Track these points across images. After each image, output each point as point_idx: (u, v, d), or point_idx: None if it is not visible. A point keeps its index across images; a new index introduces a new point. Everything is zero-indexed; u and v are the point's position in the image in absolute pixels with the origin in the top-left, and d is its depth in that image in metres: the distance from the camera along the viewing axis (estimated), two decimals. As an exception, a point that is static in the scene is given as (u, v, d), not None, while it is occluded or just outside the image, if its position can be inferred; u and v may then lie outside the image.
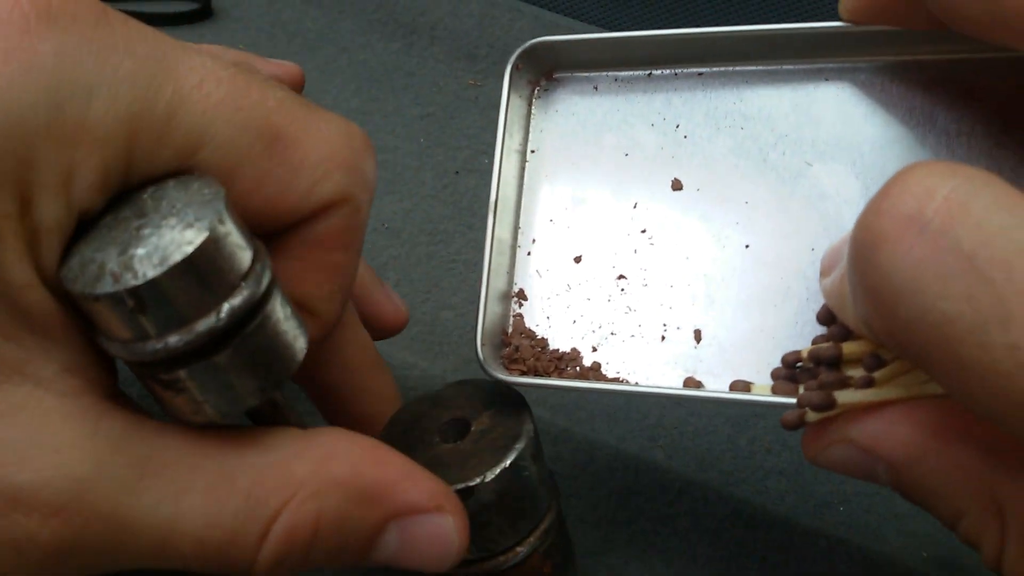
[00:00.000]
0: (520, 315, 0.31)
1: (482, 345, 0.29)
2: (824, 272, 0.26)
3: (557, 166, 0.32)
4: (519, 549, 0.28)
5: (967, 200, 0.18)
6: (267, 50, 0.55)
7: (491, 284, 0.30)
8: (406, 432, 0.29)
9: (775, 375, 0.27)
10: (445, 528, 0.24)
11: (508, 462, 0.27)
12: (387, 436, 0.29)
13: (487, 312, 0.30)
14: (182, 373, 0.22)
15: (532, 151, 0.32)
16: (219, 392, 0.22)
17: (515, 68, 0.31)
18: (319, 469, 0.23)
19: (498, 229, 0.31)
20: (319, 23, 0.58)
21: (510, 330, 0.31)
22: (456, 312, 0.43)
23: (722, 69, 0.31)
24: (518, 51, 0.31)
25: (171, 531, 0.22)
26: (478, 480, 0.27)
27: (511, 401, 0.29)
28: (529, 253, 0.32)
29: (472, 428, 0.29)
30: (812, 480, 0.35)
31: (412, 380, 0.39)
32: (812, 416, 0.24)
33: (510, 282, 0.31)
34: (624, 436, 0.37)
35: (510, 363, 0.30)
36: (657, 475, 0.35)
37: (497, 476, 0.27)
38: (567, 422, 0.37)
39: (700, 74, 0.31)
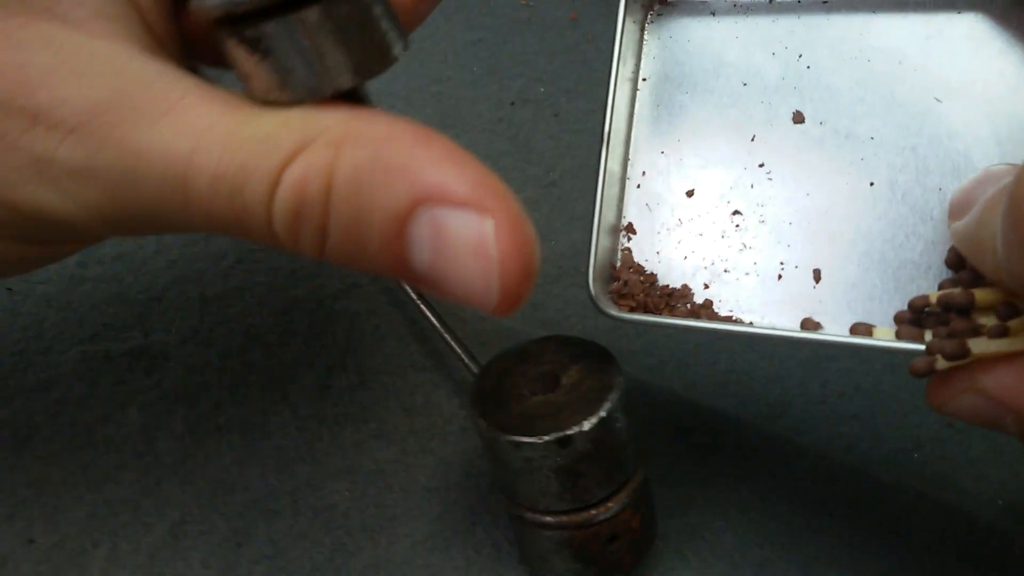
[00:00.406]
0: (629, 249, 0.30)
1: (593, 281, 0.29)
2: (953, 215, 0.25)
3: (671, 95, 0.31)
4: (610, 504, 0.28)
5: None
6: None
7: (603, 217, 0.29)
8: (496, 386, 0.29)
9: (899, 319, 0.27)
10: (483, 234, 0.19)
11: (604, 412, 0.27)
12: (476, 388, 0.29)
13: (598, 246, 0.29)
14: (268, 27, 0.20)
15: (644, 79, 0.31)
16: (307, 62, 0.21)
17: None
18: (349, 121, 0.20)
19: (609, 161, 0.30)
20: None
21: (618, 264, 0.30)
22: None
23: None
24: None
25: (188, 165, 0.20)
26: (575, 429, 0.27)
27: (599, 355, 0.29)
28: (639, 186, 0.31)
29: (562, 381, 0.29)
30: (885, 426, 0.35)
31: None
32: (942, 364, 0.24)
33: (619, 215, 0.31)
34: (695, 382, 0.37)
35: (619, 298, 0.29)
36: (731, 428, 0.35)
37: (594, 425, 0.27)
38: (636, 369, 0.37)
39: (825, 1, 0.30)
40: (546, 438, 0.27)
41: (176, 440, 0.33)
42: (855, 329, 0.27)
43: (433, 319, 0.34)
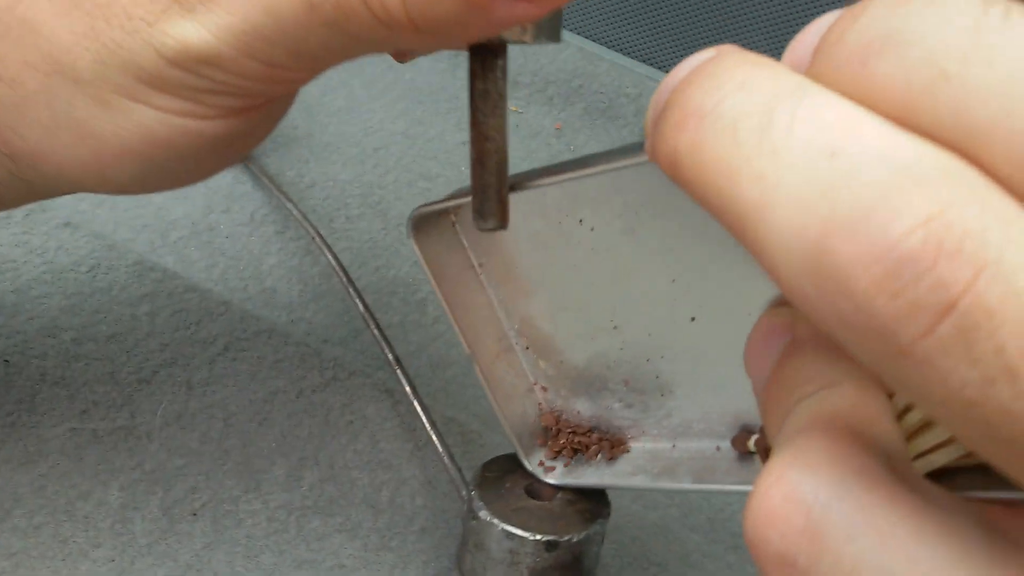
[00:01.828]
0: (542, 404, 0.34)
1: (524, 452, 0.32)
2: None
3: (506, 276, 0.33)
4: None
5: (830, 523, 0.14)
6: (317, 63, 0.56)
7: (503, 405, 0.33)
8: (499, 480, 0.33)
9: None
10: None
11: (592, 531, 0.31)
12: (480, 475, 0.33)
13: (512, 424, 0.33)
14: None
15: (480, 264, 0.33)
16: None
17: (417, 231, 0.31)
18: None
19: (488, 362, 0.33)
20: (368, 37, 0.59)
21: (540, 419, 0.34)
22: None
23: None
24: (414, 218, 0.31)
25: None
26: (566, 537, 0.30)
27: None
28: (527, 347, 0.34)
29: (559, 495, 0.32)
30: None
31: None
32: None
33: (527, 378, 0.34)
34: (642, 496, 0.39)
35: (553, 454, 0.33)
36: (680, 545, 0.37)
37: (581, 539, 0.30)
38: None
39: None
40: (538, 536, 0.30)
41: (152, 521, 0.35)
42: (736, 440, 0.30)
43: (423, 416, 0.37)
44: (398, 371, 0.38)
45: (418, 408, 0.37)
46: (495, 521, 0.30)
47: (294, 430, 0.38)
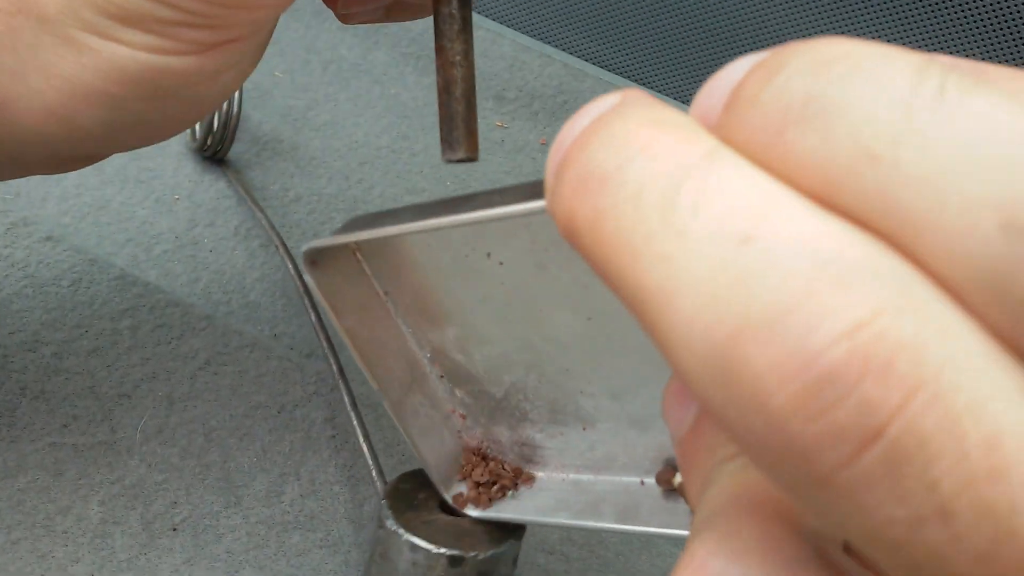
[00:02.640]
0: (461, 431, 0.33)
1: (441, 485, 0.32)
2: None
3: (415, 306, 0.31)
4: None
5: None
6: (301, 78, 0.56)
7: (417, 438, 0.32)
8: (413, 492, 0.32)
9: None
10: None
11: (501, 550, 0.30)
12: (394, 487, 0.32)
13: (428, 455, 0.32)
14: None
15: (387, 292, 0.31)
16: None
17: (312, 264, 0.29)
18: None
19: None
20: (354, 52, 0.59)
21: (463, 445, 0.33)
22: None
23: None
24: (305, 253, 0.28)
25: None
26: (471, 554, 0.29)
27: None
28: (442, 376, 0.33)
29: (473, 513, 0.32)
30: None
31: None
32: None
33: (443, 406, 0.33)
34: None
35: (475, 489, 0.32)
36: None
37: (488, 558, 0.30)
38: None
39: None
40: (443, 550, 0.29)
41: (132, 536, 0.34)
42: (660, 476, 0.29)
43: (358, 427, 0.37)
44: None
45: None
46: (400, 531, 0.30)
47: (275, 445, 0.38)
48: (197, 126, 0.47)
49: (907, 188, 0.11)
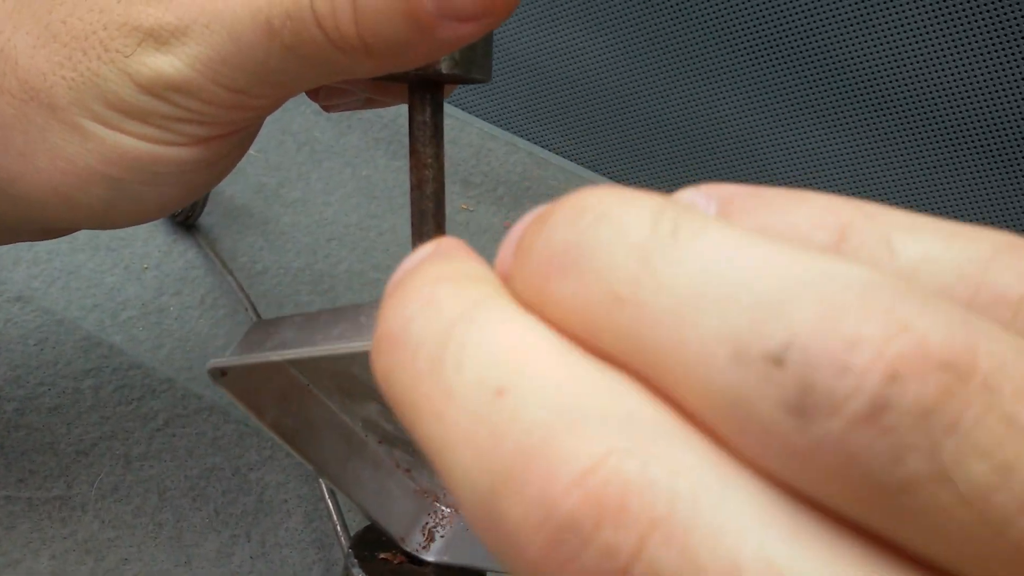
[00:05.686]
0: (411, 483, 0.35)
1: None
2: None
3: (336, 387, 0.32)
4: None
5: None
6: (275, 157, 0.59)
7: (366, 501, 0.33)
8: (379, 542, 0.33)
9: None
10: None
11: None
12: (361, 536, 0.34)
13: (380, 514, 0.33)
14: None
15: (309, 384, 0.32)
16: None
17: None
18: None
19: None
20: (327, 134, 0.61)
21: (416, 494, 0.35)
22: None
23: None
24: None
25: (270, 4, 0.23)
26: None
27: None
28: (380, 441, 0.34)
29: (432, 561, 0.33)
30: None
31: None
32: None
33: (385, 464, 0.34)
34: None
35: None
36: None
37: None
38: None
39: None
40: None
41: (80, 591, 0.35)
42: None
43: (323, 482, 0.38)
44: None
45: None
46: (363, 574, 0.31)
47: (228, 507, 0.39)
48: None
49: (650, 327, 0.11)
